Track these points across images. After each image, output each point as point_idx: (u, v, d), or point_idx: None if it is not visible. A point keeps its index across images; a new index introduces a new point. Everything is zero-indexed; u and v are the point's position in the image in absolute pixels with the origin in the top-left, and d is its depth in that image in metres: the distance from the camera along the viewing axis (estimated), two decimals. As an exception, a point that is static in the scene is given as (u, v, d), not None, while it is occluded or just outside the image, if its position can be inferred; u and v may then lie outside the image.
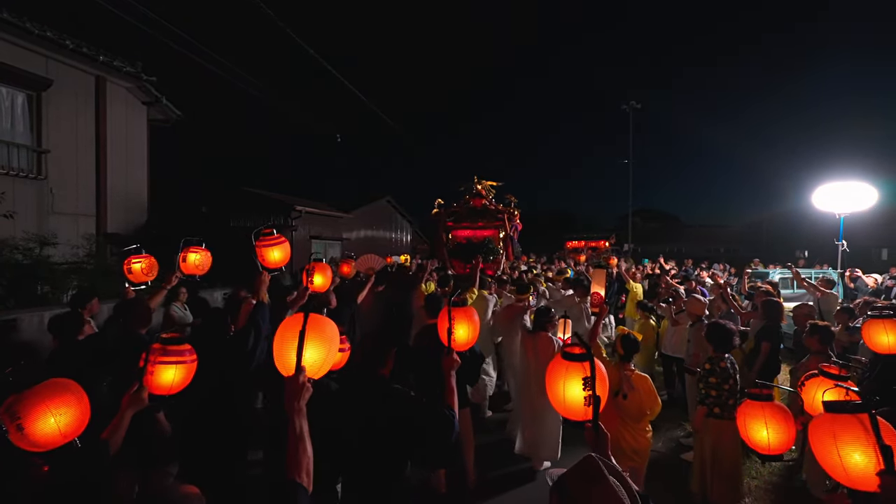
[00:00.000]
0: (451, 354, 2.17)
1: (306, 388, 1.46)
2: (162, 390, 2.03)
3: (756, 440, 2.03)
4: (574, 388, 1.55)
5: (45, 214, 7.71)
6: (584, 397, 1.51)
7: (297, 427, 1.41)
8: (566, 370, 1.61)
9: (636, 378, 3.41)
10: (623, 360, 3.49)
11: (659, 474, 4.25)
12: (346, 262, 6.38)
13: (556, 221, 42.03)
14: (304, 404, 1.45)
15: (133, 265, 3.83)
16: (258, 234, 3.10)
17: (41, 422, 1.55)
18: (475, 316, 2.36)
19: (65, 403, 1.60)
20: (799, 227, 24.37)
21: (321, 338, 1.53)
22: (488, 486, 4.00)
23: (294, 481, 1.34)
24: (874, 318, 2.89)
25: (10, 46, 7.21)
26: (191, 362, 2.12)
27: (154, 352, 2.01)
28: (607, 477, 1.10)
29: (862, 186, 8.56)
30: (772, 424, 1.99)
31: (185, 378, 2.11)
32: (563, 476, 1.16)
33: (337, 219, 19.01)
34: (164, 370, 2.03)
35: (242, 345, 2.73)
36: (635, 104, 24.97)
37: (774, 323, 4.51)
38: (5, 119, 7.39)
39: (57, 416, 1.57)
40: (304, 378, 1.46)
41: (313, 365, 1.51)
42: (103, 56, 8.25)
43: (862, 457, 1.37)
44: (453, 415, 2.01)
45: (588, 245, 22.98)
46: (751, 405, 2.06)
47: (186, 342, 2.14)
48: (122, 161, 9.15)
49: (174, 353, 2.06)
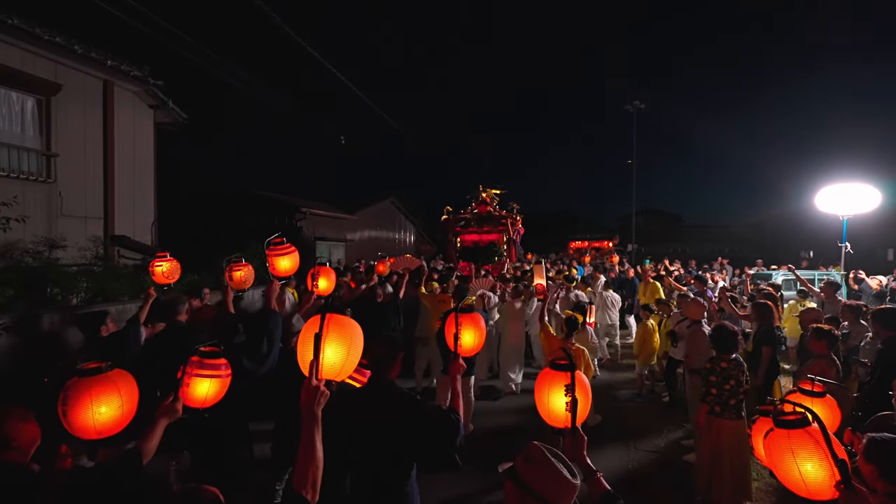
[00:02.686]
0: (458, 360, 2.22)
1: (322, 393, 1.39)
2: (196, 403, 2.02)
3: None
4: (557, 396, 1.66)
5: (55, 217, 7.80)
6: (565, 403, 1.61)
7: (309, 434, 1.35)
8: (551, 379, 1.71)
9: (575, 351, 4.39)
10: (566, 337, 4.62)
11: (662, 475, 4.29)
12: (381, 262, 7.07)
13: (559, 222, 41.98)
14: (318, 410, 1.38)
15: (156, 267, 4.03)
16: (268, 243, 3.13)
17: (81, 412, 1.58)
18: (482, 322, 2.41)
19: (108, 402, 1.62)
20: (802, 228, 24.26)
21: (341, 338, 1.46)
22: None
23: (298, 495, 1.30)
24: None
25: (20, 52, 7.30)
26: (226, 376, 2.11)
27: (192, 364, 2.00)
28: (549, 459, 1.27)
29: (865, 188, 8.52)
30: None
31: (220, 392, 2.09)
32: (512, 464, 1.32)
33: (341, 220, 19.07)
34: (200, 383, 2.01)
35: (255, 352, 2.75)
36: (639, 104, 24.91)
37: (768, 325, 4.54)
38: (16, 124, 7.48)
39: (97, 412, 1.59)
40: (318, 381, 1.39)
41: (332, 367, 1.44)
42: (111, 60, 8.33)
43: (819, 469, 1.43)
44: (459, 419, 2.05)
45: (591, 245, 22.99)
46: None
47: (223, 356, 2.12)
48: (129, 164, 9.24)
49: (210, 366, 2.04)
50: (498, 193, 12.13)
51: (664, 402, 6.00)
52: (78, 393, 1.60)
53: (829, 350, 3.67)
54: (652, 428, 5.31)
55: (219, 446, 2.77)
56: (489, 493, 3.94)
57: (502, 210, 11.95)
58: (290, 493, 1.32)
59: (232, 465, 2.78)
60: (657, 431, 5.22)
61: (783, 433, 1.53)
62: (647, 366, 6.27)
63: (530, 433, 1.88)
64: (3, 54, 7.10)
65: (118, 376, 1.69)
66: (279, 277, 3.14)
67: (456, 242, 11.84)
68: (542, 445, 1.32)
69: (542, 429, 1.85)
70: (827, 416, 2.09)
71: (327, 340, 1.43)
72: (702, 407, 3.61)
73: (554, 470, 1.26)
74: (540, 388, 1.76)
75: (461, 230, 11.87)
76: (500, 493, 3.91)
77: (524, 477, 1.27)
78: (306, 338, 1.46)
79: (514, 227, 11.88)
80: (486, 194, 11.99)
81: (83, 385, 1.61)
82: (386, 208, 23.37)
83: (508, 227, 11.73)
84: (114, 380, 1.66)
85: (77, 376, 1.63)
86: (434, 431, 2.02)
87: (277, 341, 2.85)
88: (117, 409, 1.64)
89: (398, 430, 2.01)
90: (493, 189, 12.15)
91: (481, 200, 11.93)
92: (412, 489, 2.09)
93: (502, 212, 11.90)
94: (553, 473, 1.26)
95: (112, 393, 1.63)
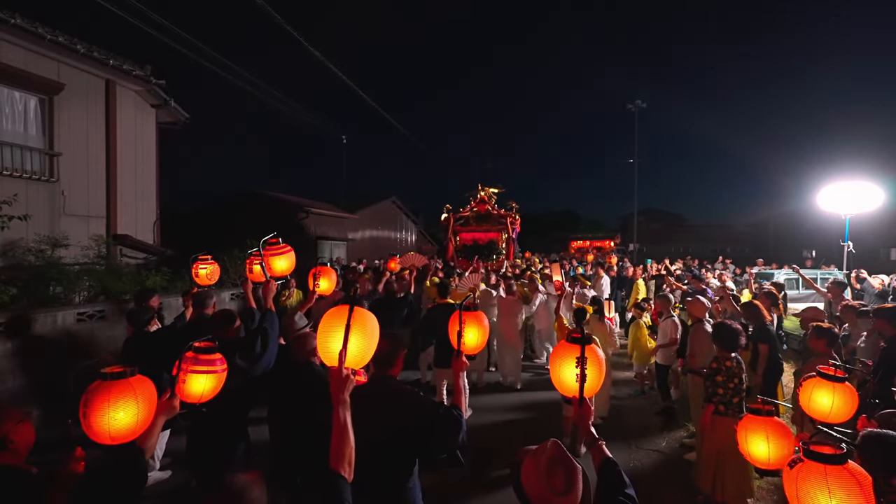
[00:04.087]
0: (461, 357, 2.23)
1: (349, 380, 1.52)
2: (192, 399, 2.04)
3: (756, 455, 2.11)
4: (569, 367, 1.74)
5: (57, 216, 7.83)
6: (575, 374, 1.69)
7: (340, 417, 1.47)
8: (565, 352, 1.79)
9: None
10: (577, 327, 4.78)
11: (664, 474, 4.29)
12: (392, 259, 7.51)
13: (560, 222, 42.03)
14: (347, 395, 1.51)
15: (200, 270, 4.27)
16: (265, 243, 3.10)
17: (97, 416, 1.58)
18: (485, 320, 2.41)
19: (125, 408, 1.61)
20: (805, 227, 24.21)
21: (363, 330, 1.57)
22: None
23: (337, 472, 1.40)
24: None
25: (23, 52, 7.32)
26: (221, 371, 2.12)
27: (187, 360, 2.01)
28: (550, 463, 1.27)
29: (868, 187, 8.49)
30: (773, 440, 2.05)
31: (216, 387, 2.11)
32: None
33: (342, 219, 19.09)
34: (195, 379, 2.03)
35: (249, 351, 2.73)
36: (640, 104, 24.86)
37: (761, 323, 4.52)
38: (19, 123, 7.50)
39: (113, 418, 1.58)
40: (347, 370, 1.51)
41: (355, 356, 1.56)
42: (113, 60, 8.36)
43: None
44: (461, 415, 2.06)
45: (593, 245, 23.04)
46: (752, 420, 2.12)
47: (218, 351, 2.14)
48: (131, 163, 9.26)
49: (205, 362, 2.06)
50: (496, 192, 12.45)
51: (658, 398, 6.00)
52: (98, 396, 1.59)
53: (828, 348, 3.66)
54: (653, 426, 5.31)
55: (217, 445, 2.78)
56: (490, 490, 3.94)
57: (501, 209, 12.25)
58: (329, 471, 1.41)
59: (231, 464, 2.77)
60: (658, 430, 5.22)
61: (818, 468, 1.43)
62: (645, 364, 6.27)
63: (529, 431, 1.89)
64: (7, 54, 7.13)
65: (139, 383, 1.67)
66: (276, 277, 3.13)
67: (456, 241, 12.11)
68: (559, 445, 1.33)
69: (542, 427, 1.87)
70: (846, 401, 2.13)
71: (353, 331, 1.53)
72: (707, 406, 3.61)
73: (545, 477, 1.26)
74: (555, 360, 1.84)
75: (461, 228, 12.18)
76: (500, 490, 3.90)
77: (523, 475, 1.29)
78: (330, 329, 1.57)
79: (513, 225, 12.17)
80: (484, 193, 12.33)
81: (104, 388, 1.60)
82: (387, 208, 23.38)
83: (507, 226, 12.03)
84: (134, 386, 1.65)
85: (100, 379, 1.62)
86: (436, 428, 2.03)
87: (273, 341, 2.83)
88: (133, 416, 1.62)
89: (400, 427, 2.02)
90: (492, 188, 12.47)
91: (480, 199, 12.28)
92: (414, 485, 2.09)
93: (501, 210, 12.21)
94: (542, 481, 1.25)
95: (129, 399, 1.62)
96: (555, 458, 1.28)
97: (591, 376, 1.68)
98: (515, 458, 1.37)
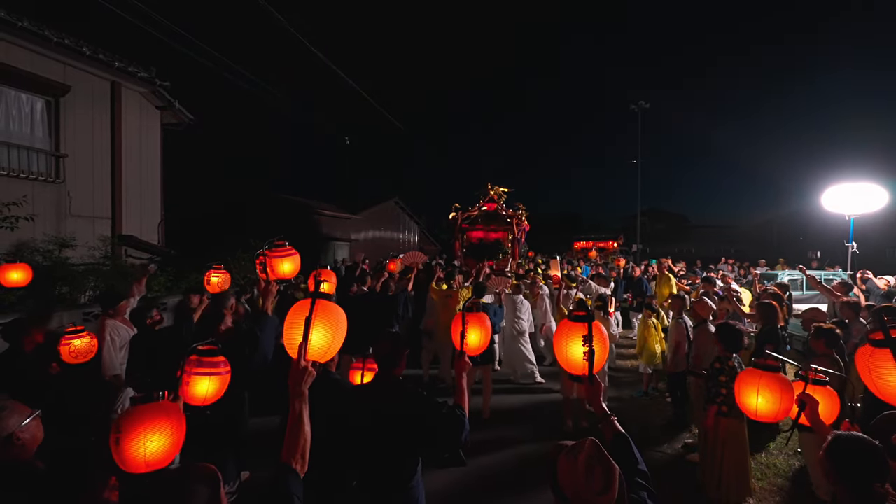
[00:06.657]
0: (464, 358, 2.24)
1: (309, 373, 1.47)
2: (196, 401, 2.04)
3: (747, 405, 2.13)
4: (575, 345, 1.75)
5: (63, 217, 7.89)
6: (582, 353, 1.70)
7: (296, 410, 1.43)
8: (569, 330, 1.79)
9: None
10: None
11: (667, 473, 4.29)
12: (392, 261, 7.48)
13: (563, 222, 41.95)
14: (305, 388, 1.46)
15: (212, 278, 4.28)
16: (271, 244, 3.01)
17: (134, 443, 1.53)
18: (487, 321, 2.43)
19: (160, 430, 1.57)
20: (809, 227, 24.11)
21: (327, 323, 1.56)
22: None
23: (286, 465, 1.37)
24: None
25: (30, 54, 7.39)
26: (225, 374, 2.12)
27: (190, 363, 2.02)
28: (607, 455, 1.23)
29: (872, 188, 8.46)
30: (763, 392, 2.05)
31: (219, 390, 2.11)
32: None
33: (345, 220, 19.13)
34: (199, 381, 2.03)
35: (239, 353, 2.65)
36: (644, 104, 24.78)
37: (772, 325, 4.53)
38: (25, 125, 7.57)
39: (149, 442, 1.54)
40: (306, 362, 1.48)
41: (318, 349, 1.55)
42: (119, 62, 8.42)
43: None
44: (464, 415, 2.06)
45: (596, 245, 22.98)
46: (750, 372, 2.15)
47: (221, 354, 2.14)
48: (136, 164, 9.33)
49: (209, 364, 2.06)
50: (506, 191, 12.47)
51: (668, 401, 5.98)
52: (132, 422, 1.54)
53: (828, 348, 3.66)
54: (656, 426, 5.31)
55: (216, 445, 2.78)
56: (491, 489, 3.96)
57: (509, 209, 12.30)
58: (279, 464, 1.38)
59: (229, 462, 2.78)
60: (661, 430, 5.22)
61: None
62: (650, 365, 6.27)
63: (529, 430, 1.90)
64: (14, 56, 7.19)
65: (169, 405, 1.66)
66: (279, 280, 3.09)
67: (462, 239, 12.14)
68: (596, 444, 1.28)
69: (546, 426, 1.88)
70: (827, 405, 2.12)
71: (315, 324, 1.52)
72: (710, 407, 3.61)
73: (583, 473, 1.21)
74: (559, 339, 1.83)
75: (468, 227, 12.16)
76: (500, 490, 3.90)
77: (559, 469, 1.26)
78: (294, 322, 1.56)
79: (520, 226, 12.23)
80: (494, 192, 12.29)
81: (137, 413, 1.56)
82: (390, 208, 23.40)
83: (514, 227, 12.06)
84: (166, 409, 1.63)
85: (131, 404, 1.60)
86: (439, 427, 2.04)
87: (266, 344, 2.78)
88: (168, 437, 1.59)
89: (404, 426, 2.03)
90: (501, 187, 12.47)
91: (489, 198, 12.27)
92: (417, 484, 2.10)
93: (509, 211, 12.25)
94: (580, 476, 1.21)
95: (164, 422, 1.59)
96: (593, 456, 1.24)
97: (597, 353, 1.70)
98: (549, 454, 1.34)
